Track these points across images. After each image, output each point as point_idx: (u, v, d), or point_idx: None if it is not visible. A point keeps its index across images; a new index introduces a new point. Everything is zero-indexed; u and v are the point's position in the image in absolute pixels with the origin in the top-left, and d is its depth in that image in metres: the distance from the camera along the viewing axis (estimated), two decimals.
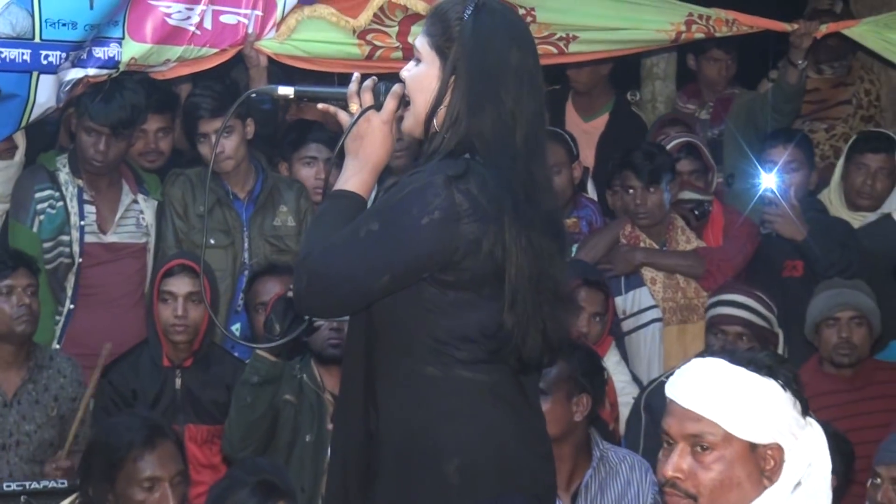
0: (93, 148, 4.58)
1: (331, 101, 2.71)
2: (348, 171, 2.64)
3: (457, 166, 2.52)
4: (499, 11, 2.65)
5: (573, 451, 3.77)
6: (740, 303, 4.54)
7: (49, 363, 4.38)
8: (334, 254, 2.53)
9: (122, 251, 4.74)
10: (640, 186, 4.93)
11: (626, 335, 4.95)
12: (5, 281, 4.23)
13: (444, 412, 2.58)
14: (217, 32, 4.47)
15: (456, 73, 2.59)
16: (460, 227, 2.51)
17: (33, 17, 4.14)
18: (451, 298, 2.56)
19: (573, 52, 5.12)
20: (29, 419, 4.30)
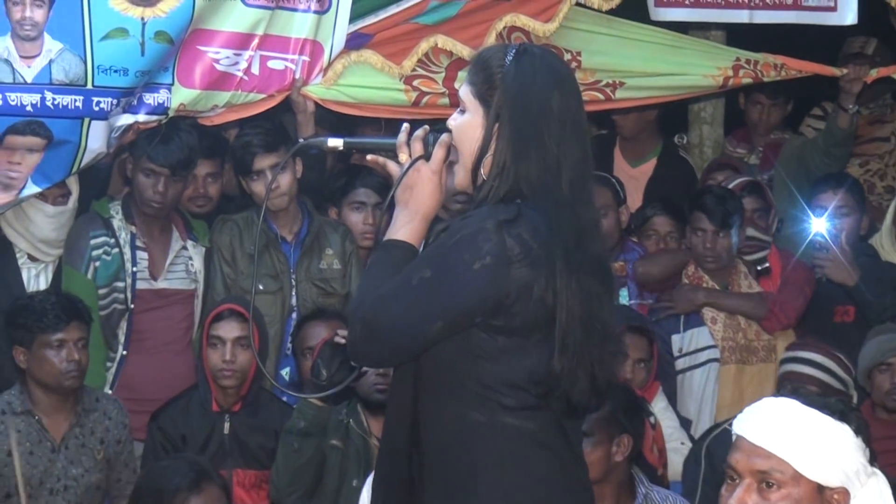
0: (152, 189, 4.63)
1: (380, 152, 2.73)
2: (399, 221, 2.64)
3: (508, 211, 2.53)
4: (539, 56, 2.65)
5: (614, 490, 3.75)
6: (818, 363, 4.49)
7: (95, 405, 4.40)
8: (387, 302, 2.53)
9: (172, 297, 4.78)
10: (712, 230, 4.93)
11: (680, 373, 4.92)
12: (58, 334, 4.24)
13: (489, 460, 2.57)
14: (264, 78, 4.50)
15: (500, 121, 2.60)
16: (511, 271, 2.51)
17: (86, 64, 4.19)
18: (500, 344, 2.55)
19: (620, 98, 5.12)
20: (76, 463, 4.32)
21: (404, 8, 4.68)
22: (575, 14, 4.94)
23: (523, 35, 4.91)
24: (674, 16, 5.20)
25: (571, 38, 4.99)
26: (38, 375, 4.27)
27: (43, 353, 4.25)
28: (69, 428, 4.32)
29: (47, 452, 4.27)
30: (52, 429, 4.30)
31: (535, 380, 2.56)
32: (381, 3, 4.66)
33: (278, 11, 4.45)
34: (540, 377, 2.56)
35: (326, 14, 4.52)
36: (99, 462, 4.36)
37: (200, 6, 4.30)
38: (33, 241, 4.61)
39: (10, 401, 4.28)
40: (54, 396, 4.30)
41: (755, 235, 5.09)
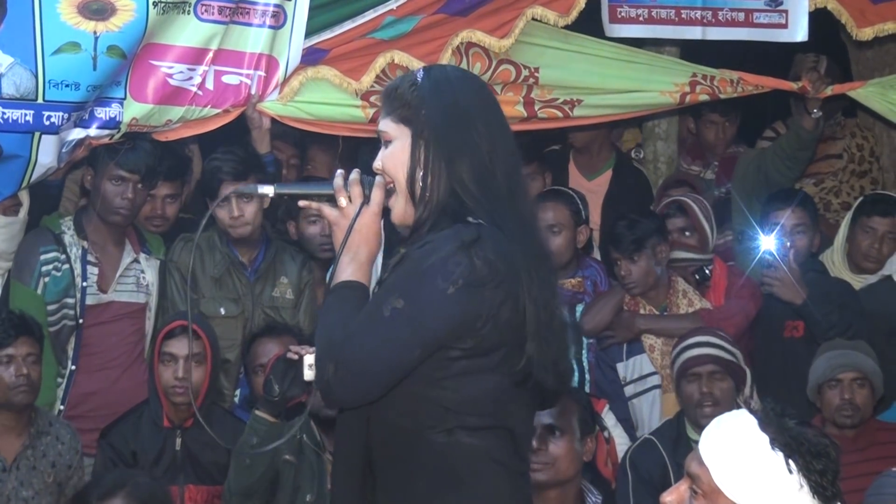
0: (120, 196, 4.60)
1: (313, 198, 2.74)
2: (343, 264, 2.65)
3: (469, 232, 2.54)
4: (448, 68, 2.75)
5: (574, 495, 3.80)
6: (705, 342, 4.57)
7: (48, 429, 4.37)
8: (361, 338, 2.51)
9: (121, 311, 4.74)
10: (623, 257, 4.94)
11: (629, 400, 4.93)
12: (6, 350, 4.23)
13: (448, 481, 2.57)
14: (219, 93, 4.48)
15: (426, 134, 2.62)
16: (484, 293, 2.52)
17: (37, 78, 4.16)
18: (461, 366, 2.56)
19: (578, 115, 5.15)
20: (27, 485, 4.28)
21: (360, 23, 4.68)
22: (531, 29, 4.96)
23: (481, 50, 4.93)
24: (628, 32, 5.22)
25: (528, 53, 5.01)
26: None
27: None
28: (21, 449, 4.29)
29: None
30: (3, 449, 4.27)
31: (494, 400, 2.58)
32: (337, 18, 4.65)
33: (232, 26, 4.44)
34: (498, 398, 2.58)
35: (282, 29, 4.50)
36: (49, 485, 4.33)
37: (154, 20, 4.28)
38: None
39: None
40: (6, 415, 4.27)
41: (685, 257, 5.11)
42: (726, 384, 4.52)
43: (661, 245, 4.96)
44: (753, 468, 2.46)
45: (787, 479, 2.46)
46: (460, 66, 2.86)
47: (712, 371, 4.51)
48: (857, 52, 5.93)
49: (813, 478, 2.47)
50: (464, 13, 4.84)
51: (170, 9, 4.30)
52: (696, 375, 4.51)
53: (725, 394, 4.50)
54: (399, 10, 4.71)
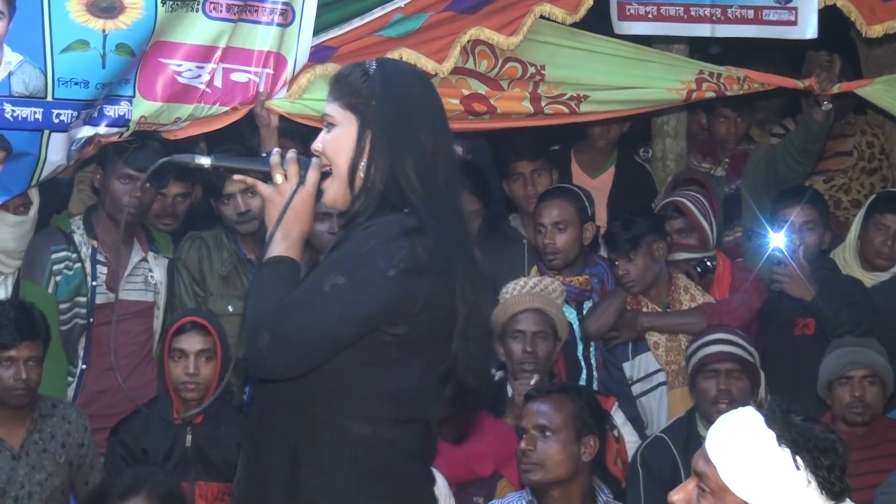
0: (127, 195, 4.61)
1: (249, 173, 2.75)
2: (276, 240, 2.68)
3: (411, 220, 2.58)
4: (400, 63, 2.82)
5: (580, 494, 3.80)
6: (725, 339, 4.58)
7: (52, 410, 4.38)
8: (298, 310, 2.54)
9: (129, 309, 4.75)
10: (620, 257, 4.96)
11: (637, 399, 4.94)
12: (9, 352, 4.22)
13: (371, 474, 2.61)
14: (227, 90, 4.47)
15: (372, 125, 2.66)
16: (422, 280, 2.57)
17: (46, 76, 4.16)
18: (392, 356, 2.59)
19: (584, 111, 5.14)
20: (38, 469, 4.30)
21: (368, 21, 4.67)
22: (539, 27, 4.95)
23: (487, 48, 4.92)
24: (637, 29, 5.22)
25: (535, 51, 5.00)
26: None
27: None
28: (27, 434, 4.30)
29: (8, 461, 4.25)
30: (9, 437, 4.28)
31: (420, 392, 2.63)
32: (345, 15, 4.65)
33: (241, 24, 4.43)
34: (423, 391, 2.63)
35: (290, 27, 4.50)
36: (61, 465, 4.34)
37: (162, 18, 4.28)
38: None
39: None
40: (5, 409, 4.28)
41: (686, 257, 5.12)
42: (743, 383, 4.52)
43: (658, 242, 4.98)
44: (760, 465, 2.46)
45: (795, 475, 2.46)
46: (409, 64, 2.86)
47: (731, 369, 4.51)
48: (867, 50, 5.91)
49: (821, 474, 2.47)
50: (472, 10, 4.84)
51: (178, 7, 4.30)
52: (715, 372, 4.51)
53: (741, 392, 4.50)
54: (407, 7, 4.71)
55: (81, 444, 4.40)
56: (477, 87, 4.97)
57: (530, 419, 3.87)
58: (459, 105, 4.94)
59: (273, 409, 2.66)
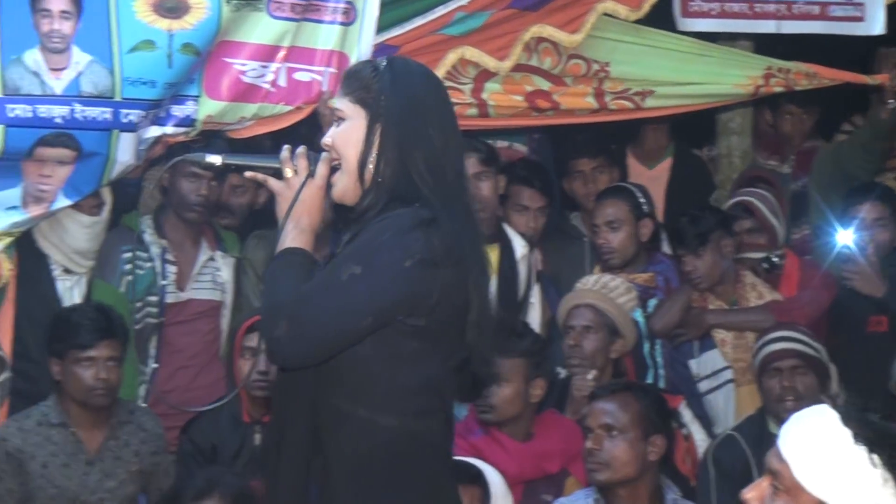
0: (194, 192, 4.67)
1: (260, 170, 2.77)
2: (288, 233, 2.70)
3: (426, 213, 2.60)
4: (410, 61, 2.85)
5: (648, 493, 3.77)
6: (789, 336, 4.55)
7: (129, 417, 4.41)
8: (315, 299, 2.56)
9: (198, 309, 4.80)
10: (687, 252, 4.93)
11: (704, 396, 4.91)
12: (89, 352, 4.25)
13: (398, 466, 2.62)
14: (291, 90, 4.49)
15: (382, 119, 2.68)
16: (438, 272, 2.58)
17: (114, 76, 4.20)
18: (413, 346, 2.61)
19: (649, 106, 5.12)
20: (111, 476, 4.33)
21: (430, 19, 4.68)
22: (602, 24, 4.94)
23: (551, 45, 4.92)
24: (700, 26, 5.19)
25: (599, 48, 4.98)
26: (69, 389, 4.29)
27: (74, 368, 4.27)
28: (104, 440, 4.34)
29: (82, 465, 4.28)
30: (87, 441, 4.32)
31: (442, 384, 2.65)
32: (408, 14, 4.66)
33: (304, 23, 4.45)
34: (444, 382, 2.65)
35: (352, 26, 4.52)
36: (133, 474, 4.37)
37: (227, 18, 4.31)
38: (68, 252, 4.63)
39: (46, 412, 4.30)
40: (87, 410, 4.32)
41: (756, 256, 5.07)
42: (809, 379, 4.47)
43: (726, 239, 4.94)
44: (836, 463, 2.42)
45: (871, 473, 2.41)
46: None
47: (794, 365, 4.47)
48: None
49: None
50: (534, 8, 4.84)
51: (242, 6, 4.33)
52: (778, 370, 4.48)
53: (808, 388, 4.45)
54: (469, 5, 4.71)
55: (155, 453, 4.43)
56: (540, 83, 4.97)
57: (596, 418, 3.85)
58: (523, 101, 4.94)
59: (297, 404, 2.67)
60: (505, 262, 5.01)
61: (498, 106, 4.94)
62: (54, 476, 4.24)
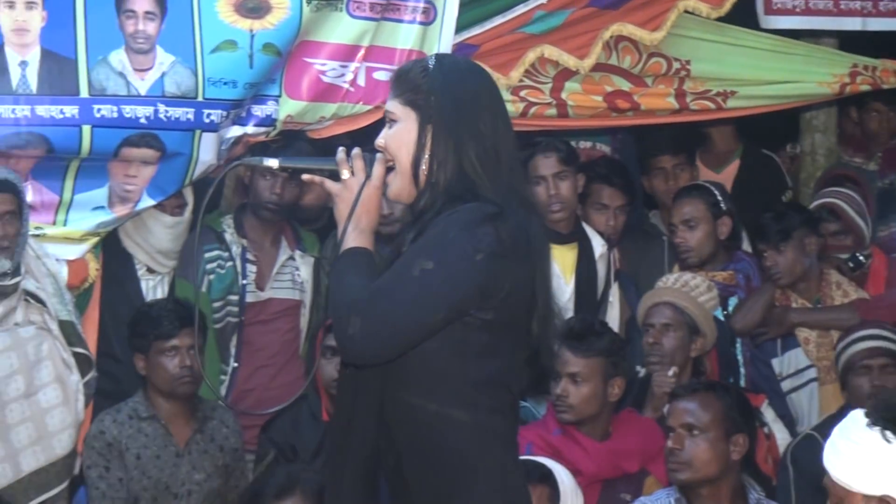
0: (269, 191, 4.74)
1: (317, 172, 2.78)
2: (349, 234, 2.71)
3: (492, 207, 2.60)
4: (459, 58, 2.85)
5: (730, 492, 3.74)
6: (877, 335, 4.48)
7: (212, 413, 4.49)
8: (388, 295, 2.56)
9: (278, 308, 4.84)
10: (769, 248, 4.87)
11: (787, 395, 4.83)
12: (171, 341, 4.34)
13: (472, 461, 2.61)
14: (370, 89, 4.52)
15: (433, 119, 2.68)
16: (507, 264, 2.58)
17: (196, 76, 4.26)
18: (484, 341, 2.61)
19: (731, 107, 5.07)
20: (199, 469, 4.39)
21: (510, 18, 4.69)
22: (683, 22, 4.91)
23: (631, 44, 4.90)
24: (784, 24, 5.15)
25: (680, 46, 4.96)
26: (155, 381, 4.37)
27: (158, 359, 4.36)
28: (192, 433, 4.41)
29: (172, 457, 4.36)
30: (176, 434, 4.39)
31: (511, 378, 2.65)
32: (487, 13, 4.67)
33: (384, 23, 4.48)
34: (513, 376, 2.65)
35: (432, 25, 4.53)
36: (218, 468, 4.43)
37: (307, 18, 4.34)
38: (151, 251, 4.71)
39: (136, 407, 4.39)
40: (174, 403, 4.40)
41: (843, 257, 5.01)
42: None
43: (810, 237, 4.88)
44: (856, 453, 2.50)
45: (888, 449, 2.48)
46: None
47: (884, 364, 4.41)
48: None
49: None
50: (614, 6, 4.82)
51: (323, 6, 4.37)
52: (867, 368, 4.41)
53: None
54: (549, 4, 4.71)
55: (235, 450, 4.49)
56: (620, 83, 4.95)
57: (677, 417, 3.82)
58: (602, 102, 4.92)
59: (365, 401, 2.68)
60: (583, 261, 4.99)
61: (577, 106, 4.94)
62: (147, 467, 4.32)
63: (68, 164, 4.26)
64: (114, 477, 4.30)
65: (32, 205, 4.26)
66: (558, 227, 4.88)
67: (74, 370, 4.28)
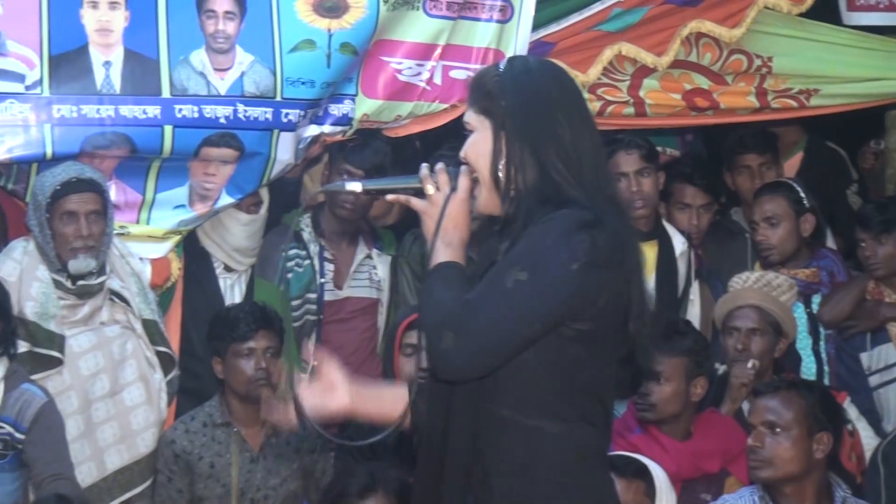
0: None
1: (400, 191, 2.73)
2: (439, 248, 2.65)
3: (587, 214, 2.53)
4: (531, 59, 2.74)
5: (815, 491, 3.68)
6: None
7: None
8: (481, 308, 2.50)
9: (356, 307, 4.86)
10: (870, 238, 4.79)
11: (874, 391, 4.75)
12: (247, 343, 4.34)
13: (563, 475, 2.55)
14: (446, 88, 4.53)
15: (506, 125, 2.61)
16: (603, 274, 2.51)
17: (275, 76, 4.30)
18: (577, 351, 2.54)
19: (814, 105, 5.00)
20: (274, 473, 4.40)
21: (587, 16, 4.67)
22: (764, 17, 4.86)
23: (711, 40, 4.85)
24: (868, 20, 5.08)
25: (761, 42, 4.90)
26: (232, 384, 4.39)
27: (235, 361, 4.36)
28: (265, 438, 4.41)
29: (247, 463, 4.37)
30: (250, 439, 4.40)
31: (605, 390, 2.59)
32: (564, 11, 4.66)
33: (461, 21, 4.50)
34: (607, 388, 2.59)
35: (509, 23, 4.54)
36: (294, 472, 4.43)
37: (384, 17, 4.37)
38: (228, 249, 4.75)
39: (211, 412, 4.40)
40: (249, 407, 4.39)
41: None
42: None
43: None
44: None
45: None
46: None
47: None
48: None
49: None
50: (692, 3, 4.78)
51: (399, 5, 4.40)
52: None
53: None
54: (626, 2, 4.69)
55: (312, 451, 4.50)
56: (700, 81, 4.90)
57: (758, 415, 3.76)
58: (681, 100, 4.88)
59: (454, 412, 2.62)
60: (663, 259, 4.95)
61: (656, 105, 4.90)
62: (221, 475, 4.34)
63: (150, 163, 4.32)
64: (174, 488, 4.33)
65: (116, 204, 4.31)
66: (639, 225, 4.84)
67: (158, 369, 4.34)
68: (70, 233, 4.12)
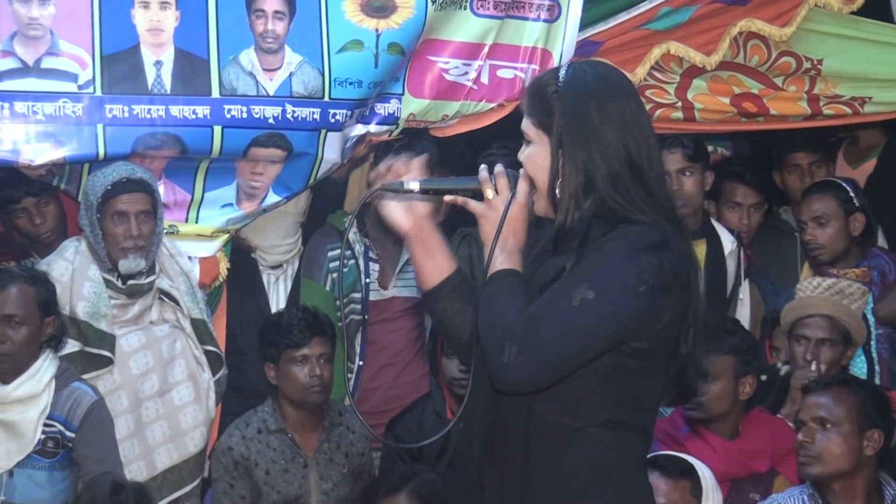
0: None
1: (458, 192, 2.70)
2: (497, 255, 2.63)
3: (654, 234, 2.52)
4: (590, 72, 2.66)
5: (865, 488, 3.64)
6: None
7: (339, 419, 4.50)
8: (546, 323, 2.49)
9: (402, 306, 4.86)
10: None
11: None
12: (301, 350, 4.35)
13: (607, 482, 2.56)
14: (493, 87, 4.52)
15: (563, 146, 2.59)
16: (668, 296, 2.51)
17: (323, 76, 4.30)
18: (633, 366, 2.54)
19: (868, 112, 4.94)
20: (326, 478, 4.42)
21: (635, 15, 4.65)
22: (816, 16, 4.81)
23: (760, 42, 4.81)
24: None
25: (812, 42, 4.86)
26: (285, 391, 4.40)
27: (288, 368, 4.38)
28: (318, 443, 4.43)
29: (300, 469, 4.38)
30: (303, 445, 4.42)
31: (654, 401, 2.61)
32: (612, 10, 4.64)
33: (508, 20, 4.49)
34: (657, 399, 2.61)
35: (556, 22, 4.53)
36: (345, 476, 4.45)
37: (432, 17, 4.37)
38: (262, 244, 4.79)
39: (265, 419, 4.41)
40: (303, 412, 4.42)
41: None
42: None
43: None
44: None
45: None
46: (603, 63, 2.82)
47: None
48: None
49: None
50: (742, 2, 4.74)
51: (447, 5, 4.39)
52: None
53: None
54: (674, 0, 4.66)
55: (362, 454, 4.51)
56: (748, 83, 4.86)
57: (808, 411, 3.75)
58: (730, 105, 4.85)
59: (500, 416, 2.62)
60: (712, 258, 4.91)
61: (705, 110, 4.87)
62: (276, 481, 4.35)
63: (199, 163, 4.34)
64: (237, 494, 4.35)
65: (166, 203, 4.34)
66: None
67: (206, 368, 4.36)
68: (120, 233, 4.15)
